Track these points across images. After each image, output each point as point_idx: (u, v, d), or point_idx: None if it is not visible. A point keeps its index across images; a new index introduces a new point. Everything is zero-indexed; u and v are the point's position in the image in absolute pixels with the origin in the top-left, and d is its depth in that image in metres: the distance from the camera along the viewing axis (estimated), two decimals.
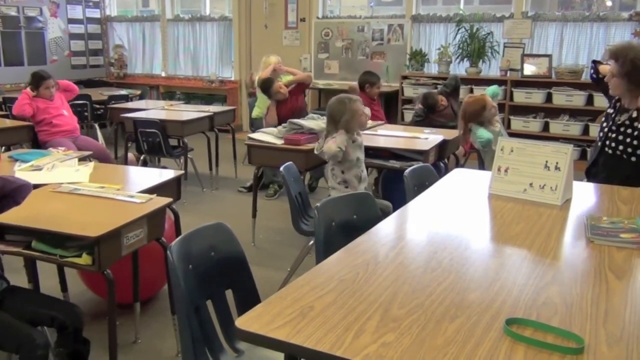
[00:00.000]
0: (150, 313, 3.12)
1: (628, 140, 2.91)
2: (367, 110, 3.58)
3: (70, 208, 2.36)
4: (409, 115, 6.72)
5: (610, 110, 3.09)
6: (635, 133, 2.88)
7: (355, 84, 5.77)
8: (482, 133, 3.84)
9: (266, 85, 5.26)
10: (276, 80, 5.31)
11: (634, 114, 2.90)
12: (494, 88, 4.45)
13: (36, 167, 3.01)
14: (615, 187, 2.62)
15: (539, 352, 1.21)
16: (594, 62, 3.37)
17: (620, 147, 2.93)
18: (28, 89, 5.11)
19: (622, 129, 2.95)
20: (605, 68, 3.21)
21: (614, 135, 2.97)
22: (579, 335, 1.27)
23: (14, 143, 4.93)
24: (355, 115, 3.34)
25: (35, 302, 2.29)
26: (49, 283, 3.01)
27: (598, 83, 3.33)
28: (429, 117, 5.36)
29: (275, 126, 4.97)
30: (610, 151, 2.98)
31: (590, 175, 3.14)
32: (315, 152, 3.48)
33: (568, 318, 1.36)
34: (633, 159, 2.89)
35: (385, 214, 2.63)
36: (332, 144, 3.27)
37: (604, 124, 3.10)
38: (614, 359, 1.19)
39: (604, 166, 3.03)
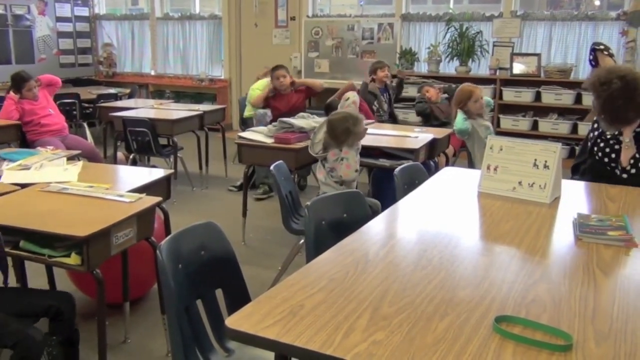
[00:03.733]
0: (139, 313, 3.10)
1: (613, 156, 2.90)
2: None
3: (58, 207, 2.34)
4: (399, 114, 6.73)
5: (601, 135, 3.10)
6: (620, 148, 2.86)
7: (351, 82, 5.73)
8: (459, 119, 3.96)
9: (275, 67, 5.28)
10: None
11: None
12: (486, 99, 4.47)
13: (24, 166, 2.98)
14: (604, 185, 2.64)
15: (527, 349, 1.22)
16: (594, 49, 3.28)
17: (606, 160, 2.93)
18: (12, 94, 5.01)
19: (610, 142, 2.92)
20: (606, 60, 3.16)
21: (602, 145, 2.96)
22: (567, 333, 1.28)
23: (2, 142, 4.89)
24: (358, 136, 3.40)
25: (28, 295, 2.29)
26: (37, 283, 2.99)
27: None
28: (428, 104, 5.52)
29: (261, 121, 5.03)
30: (597, 157, 2.99)
31: (578, 172, 3.16)
32: (310, 151, 3.49)
33: (556, 315, 1.37)
34: (617, 172, 2.88)
35: (374, 212, 2.63)
36: (348, 170, 3.33)
37: (595, 124, 3.10)
38: (602, 356, 1.20)
39: (590, 169, 3.04)
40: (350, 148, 3.34)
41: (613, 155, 2.89)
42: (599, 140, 3.00)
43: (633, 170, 2.77)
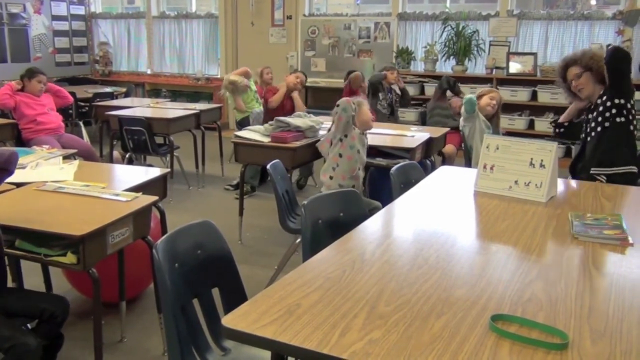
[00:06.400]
0: (136, 312, 3.10)
1: (601, 109, 3.03)
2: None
3: (54, 207, 2.34)
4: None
5: (587, 118, 3.17)
6: (608, 104, 2.98)
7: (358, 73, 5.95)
8: (470, 95, 4.03)
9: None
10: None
11: (598, 101, 3.05)
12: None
13: (20, 165, 2.97)
14: (599, 184, 2.65)
15: (524, 348, 1.22)
16: (554, 122, 3.54)
17: (599, 119, 3.03)
18: (13, 82, 5.06)
19: (598, 110, 3.05)
20: (565, 116, 3.39)
21: (592, 123, 3.08)
22: (563, 331, 1.28)
23: None
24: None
25: (23, 297, 2.28)
26: (33, 282, 2.98)
27: (568, 129, 3.44)
28: (445, 95, 5.56)
29: (257, 120, 5.12)
30: (593, 133, 3.04)
31: (575, 171, 3.18)
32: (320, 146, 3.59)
33: (552, 314, 1.37)
34: (613, 120, 2.99)
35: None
36: (366, 112, 3.47)
37: (585, 127, 3.17)
38: (598, 354, 1.20)
39: (589, 153, 3.08)
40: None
41: (601, 109, 3.03)
42: (589, 124, 3.10)
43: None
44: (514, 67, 6.82)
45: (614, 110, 2.96)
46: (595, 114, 3.05)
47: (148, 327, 2.94)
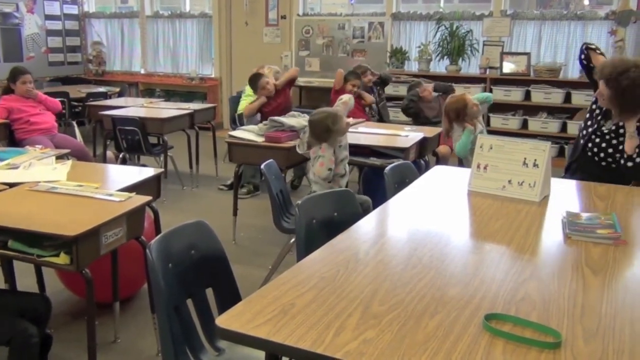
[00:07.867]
0: (129, 312, 3.09)
1: (610, 150, 2.94)
2: (350, 119, 3.67)
3: (47, 207, 2.33)
4: (390, 113, 6.74)
5: (594, 107, 3.09)
6: (621, 147, 2.89)
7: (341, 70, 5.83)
8: (465, 141, 3.91)
9: (254, 79, 5.32)
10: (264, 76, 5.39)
11: (621, 123, 2.90)
12: (485, 95, 4.51)
13: (12, 165, 2.95)
14: (592, 184, 2.66)
15: (517, 346, 1.23)
16: (587, 48, 3.20)
17: (602, 155, 2.96)
18: None
19: (607, 137, 2.96)
20: (599, 59, 3.11)
21: (598, 140, 2.99)
22: (556, 330, 1.28)
23: None
24: (339, 133, 3.38)
25: (5, 296, 2.27)
26: (26, 282, 2.97)
27: (587, 71, 3.20)
28: (417, 103, 5.52)
29: (251, 120, 5.06)
30: (590, 154, 3.01)
31: (570, 171, 3.18)
32: (298, 150, 3.50)
33: (546, 313, 1.38)
34: (613, 165, 2.93)
35: (365, 209, 2.63)
36: (321, 167, 3.32)
37: (588, 122, 3.10)
38: (591, 353, 1.21)
39: (583, 167, 3.06)
40: (329, 147, 3.33)
41: (610, 150, 2.93)
42: (593, 137, 3.01)
43: (638, 159, 2.82)
44: (508, 67, 6.84)
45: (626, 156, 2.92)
46: (604, 144, 2.94)
47: (142, 328, 2.93)
